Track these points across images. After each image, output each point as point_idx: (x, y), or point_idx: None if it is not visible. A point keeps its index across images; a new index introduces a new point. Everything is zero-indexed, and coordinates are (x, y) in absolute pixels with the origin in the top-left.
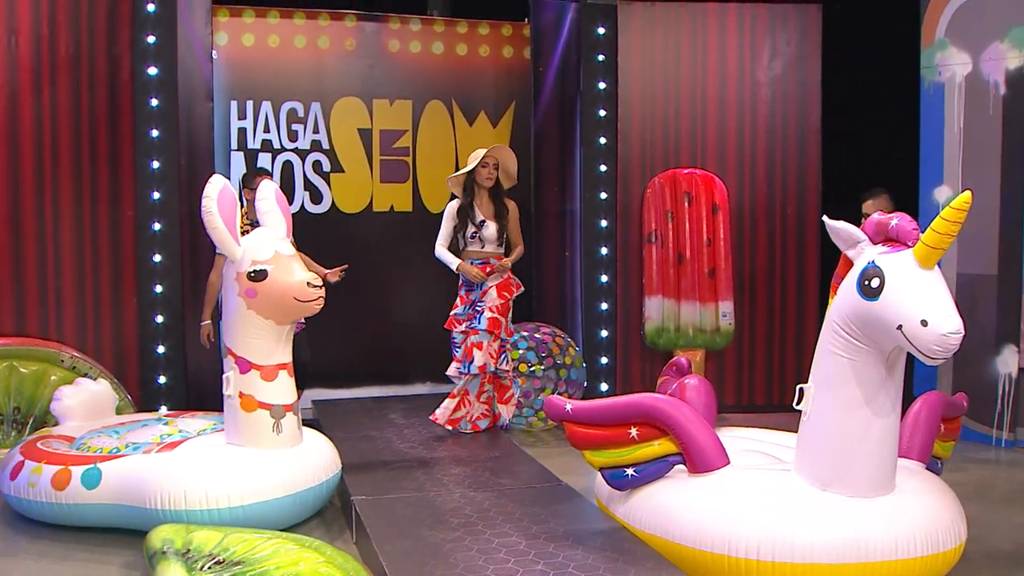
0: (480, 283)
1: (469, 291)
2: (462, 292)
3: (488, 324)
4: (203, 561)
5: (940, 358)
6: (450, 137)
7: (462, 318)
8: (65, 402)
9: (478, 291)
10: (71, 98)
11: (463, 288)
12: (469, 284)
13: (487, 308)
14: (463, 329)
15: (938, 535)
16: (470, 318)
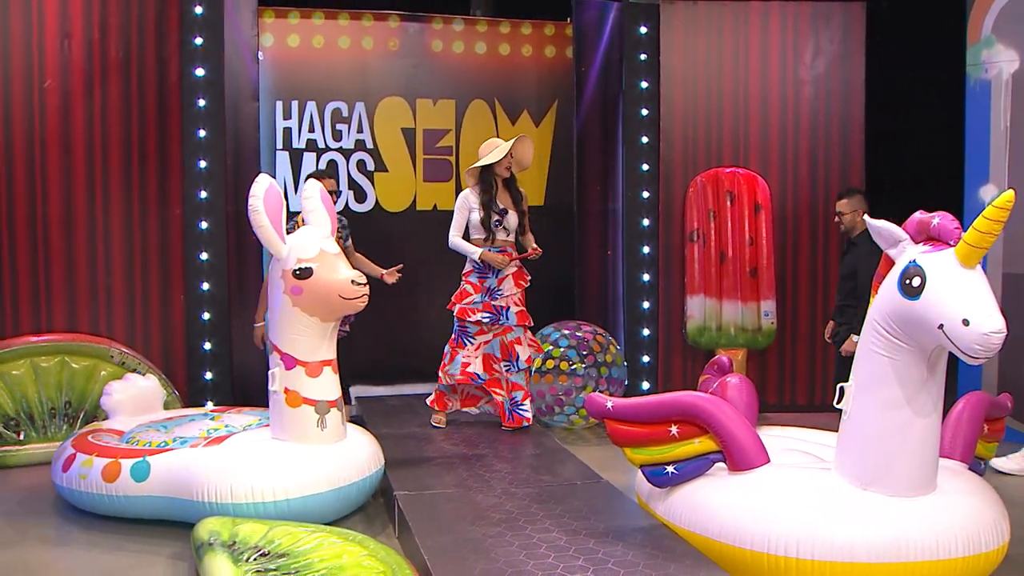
0: (498, 271)
1: (483, 278)
2: (473, 279)
3: (519, 318)
4: (249, 553)
5: (982, 358)
6: (493, 136)
7: (479, 307)
8: (115, 397)
9: (494, 279)
10: (121, 100)
11: (474, 275)
12: (483, 271)
13: (512, 302)
14: (480, 320)
15: (980, 535)
16: (487, 308)
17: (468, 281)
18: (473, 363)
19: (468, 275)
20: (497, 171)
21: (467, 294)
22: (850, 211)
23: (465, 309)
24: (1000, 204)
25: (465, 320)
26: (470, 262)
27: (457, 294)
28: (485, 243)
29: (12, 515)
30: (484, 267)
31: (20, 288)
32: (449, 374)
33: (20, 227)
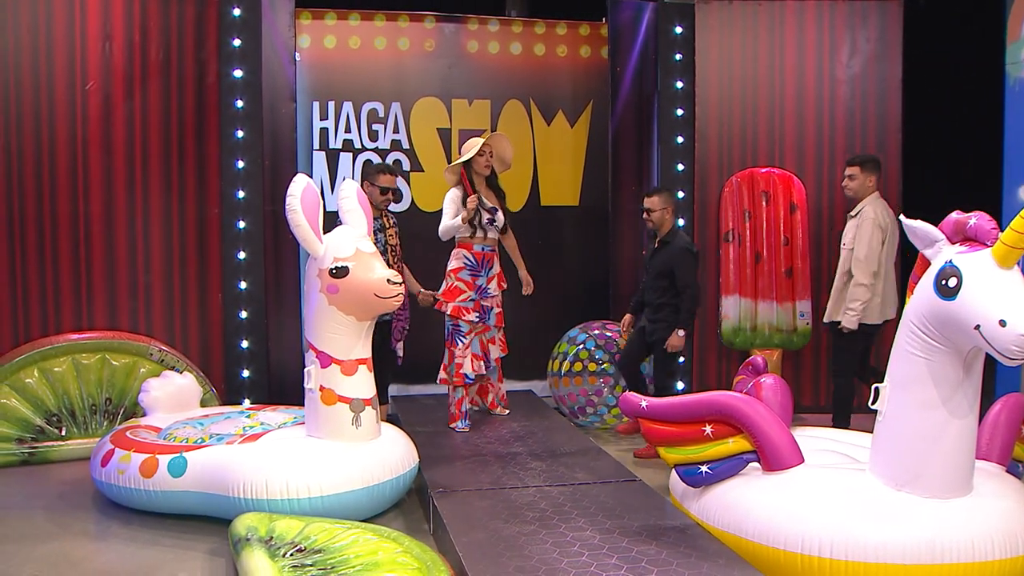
0: (488, 268)
1: (475, 275)
2: (465, 276)
3: (498, 320)
4: (285, 548)
5: (1019, 359)
6: (528, 137)
7: (470, 306)
8: (152, 394)
9: (483, 278)
10: (161, 101)
11: (465, 272)
12: (474, 268)
13: (495, 303)
14: (472, 319)
15: (1017, 538)
16: (477, 308)
17: (460, 279)
18: (465, 363)
19: (458, 272)
20: (476, 169)
21: (459, 292)
22: (659, 208)
23: (460, 308)
24: None
25: (459, 319)
26: (458, 258)
27: (447, 291)
28: (480, 241)
29: (53, 509)
30: (477, 264)
31: (62, 286)
32: (452, 375)
33: (63, 226)
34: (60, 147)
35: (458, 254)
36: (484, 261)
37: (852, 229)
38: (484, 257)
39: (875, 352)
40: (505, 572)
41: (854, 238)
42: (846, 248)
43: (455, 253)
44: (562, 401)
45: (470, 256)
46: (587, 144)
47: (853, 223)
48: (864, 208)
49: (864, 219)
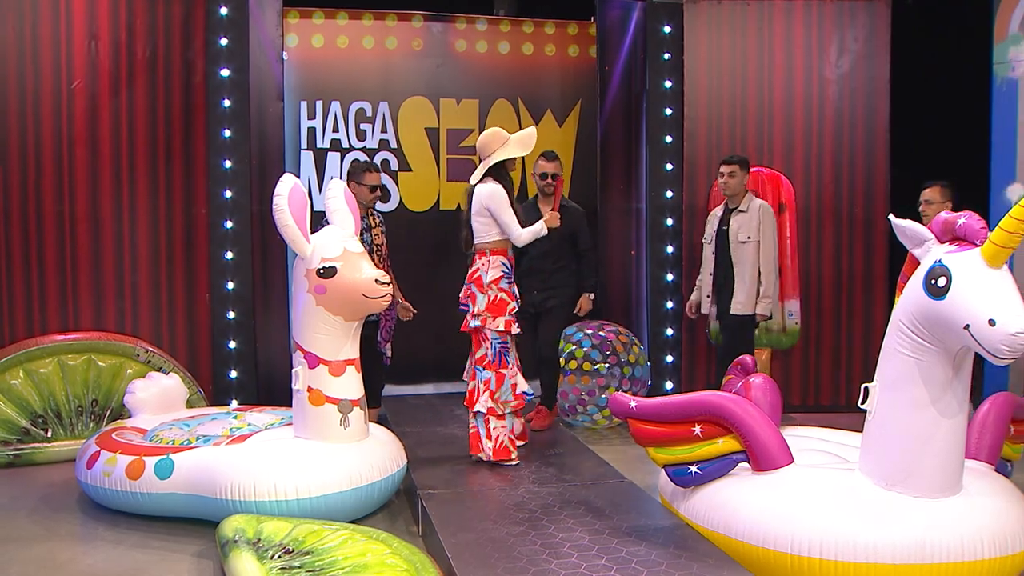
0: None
1: (511, 282)
2: (505, 286)
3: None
4: (273, 550)
5: (1008, 358)
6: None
7: (514, 319)
8: (137, 395)
9: (514, 283)
10: (147, 100)
11: (504, 281)
12: (511, 276)
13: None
14: (516, 332)
15: (1006, 538)
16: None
17: (501, 288)
18: (519, 381)
19: (498, 281)
20: (510, 168)
21: (505, 304)
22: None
23: (510, 322)
24: None
25: (509, 333)
26: (496, 267)
27: (492, 305)
28: (507, 242)
29: (39, 511)
30: (511, 271)
31: (48, 287)
32: (503, 402)
33: (48, 226)
34: (45, 146)
35: (495, 262)
36: (514, 266)
37: (744, 223)
38: (513, 262)
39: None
40: (494, 573)
41: (758, 230)
42: (745, 242)
43: (491, 262)
44: None
45: (507, 263)
46: (575, 144)
47: (743, 217)
48: (754, 202)
49: (764, 213)
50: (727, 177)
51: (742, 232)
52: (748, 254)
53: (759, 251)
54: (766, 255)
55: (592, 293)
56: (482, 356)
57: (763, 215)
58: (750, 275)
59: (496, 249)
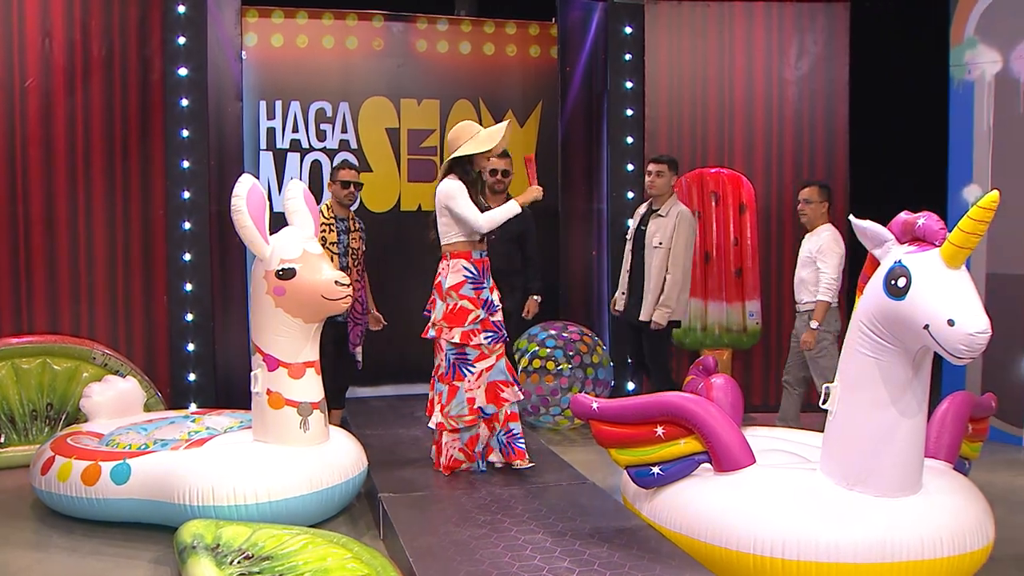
0: (487, 278)
1: (479, 289)
2: (468, 292)
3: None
4: (233, 556)
5: (967, 358)
6: None
7: (478, 327)
8: (94, 399)
9: (486, 288)
10: (103, 99)
11: (468, 286)
12: (477, 281)
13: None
14: (482, 342)
15: (964, 536)
16: (488, 326)
17: (462, 295)
18: (478, 396)
19: (459, 287)
20: (480, 163)
21: (466, 312)
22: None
23: (468, 333)
24: (985, 205)
25: (466, 345)
26: (457, 271)
27: (449, 314)
28: (477, 246)
29: None
30: (478, 274)
31: (1, 289)
32: (454, 416)
33: (1, 228)
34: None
35: (455, 266)
36: (484, 269)
37: (660, 228)
38: (483, 265)
39: None
40: None
41: (671, 237)
42: (656, 247)
43: (451, 266)
44: None
45: (471, 266)
46: (536, 144)
47: (661, 222)
48: (675, 207)
49: (681, 219)
50: (655, 176)
51: (656, 237)
52: (658, 260)
53: (668, 258)
54: (675, 262)
55: (539, 296)
56: (437, 366)
57: (680, 221)
58: (655, 281)
59: (457, 252)
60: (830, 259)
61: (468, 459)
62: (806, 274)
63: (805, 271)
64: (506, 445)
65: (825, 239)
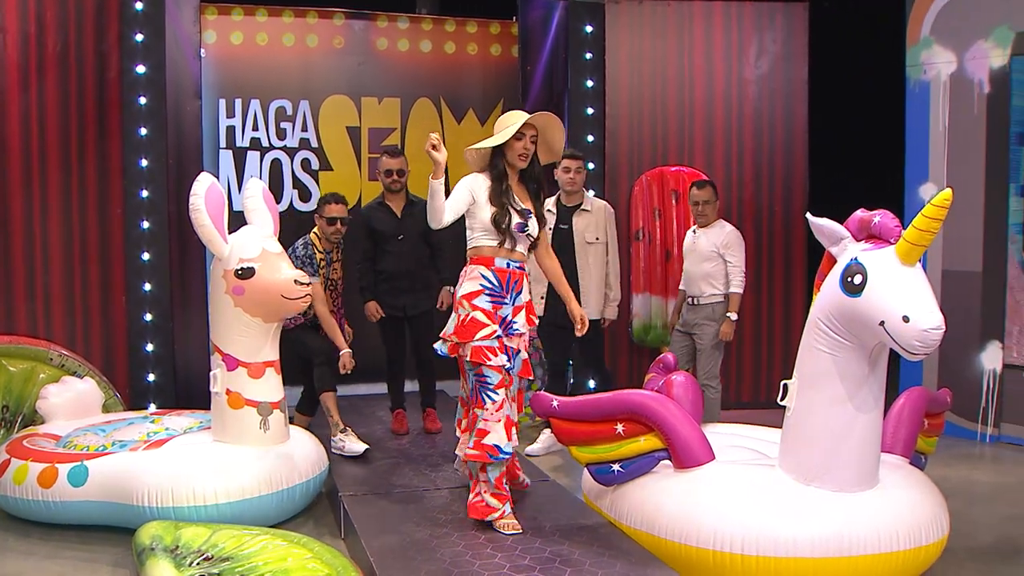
0: (516, 292)
1: (498, 303)
2: (483, 303)
3: (524, 369)
4: (192, 557)
5: (921, 354)
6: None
7: (496, 346)
8: (51, 400)
9: (509, 305)
10: (59, 96)
11: (484, 297)
12: (497, 294)
13: (523, 345)
14: (504, 363)
15: (920, 529)
16: (502, 349)
17: (476, 306)
18: (494, 431)
19: (473, 297)
20: (509, 158)
21: (480, 325)
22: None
23: (481, 349)
24: (938, 203)
25: (483, 364)
26: (473, 279)
27: (460, 326)
28: (499, 251)
29: None
30: (500, 287)
31: None
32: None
33: None
34: None
35: (472, 273)
36: (510, 283)
37: (591, 223)
38: (510, 277)
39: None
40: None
41: (606, 231)
42: (593, 242)
43: (467, 272)
44: None
45: (490, 275)
46: None
47: (589, 216)
48: (593, 200)
49: (607, 211)
50: (573, 173)
51: (589, 232)
52: (596, 255)
53: (607, 252)
54: (614, 256)
55: (451, 287)
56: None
57: (608, 215)
58: (598, 277)
59: (477, 257)
60: (738, 252)
61: (501, 501)
62: (711, 268)
63: (709, 265)
64: None
65: (729, 234)
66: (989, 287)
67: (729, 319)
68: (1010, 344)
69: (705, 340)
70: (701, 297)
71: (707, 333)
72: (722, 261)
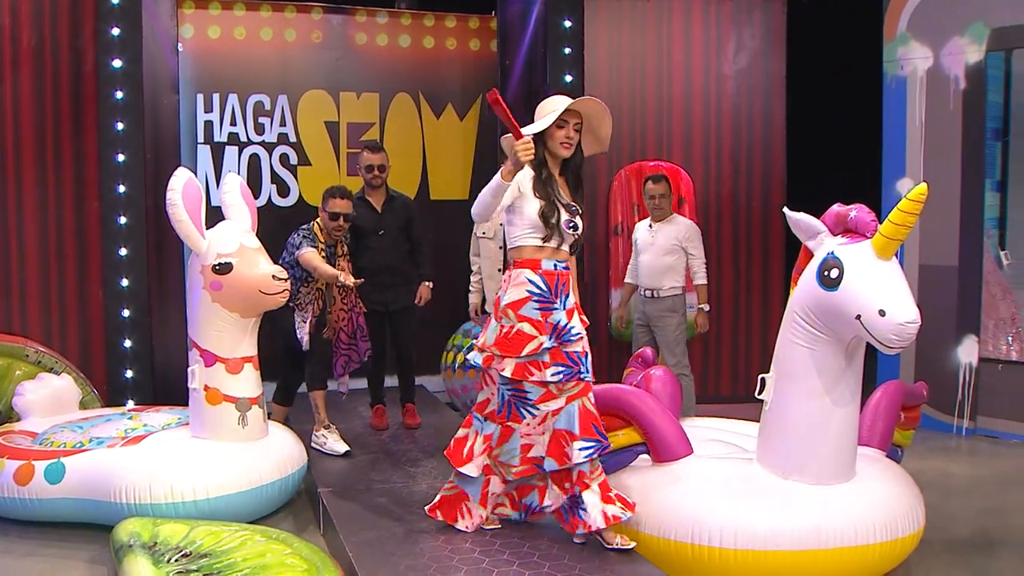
0: (563, 297)
1: (548, 309)
2: (531, 312)
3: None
4: (170, 554)
5: (898, 347)
6: (417, 130)
7: (545, 359)
8: (27, 397)
9: (561, 310)
10: (34, 90)
11: (532, 305)
12: (546, 299)
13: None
14: (551, 379)
15: (896, 522)
16: (559, 359)
17: (523, 316)
18: (538, 444)
19: (520, 306)
20: (550, 147)
21: (527, 338)
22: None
23: (526, 366)
24: (913, 197)
25: (524, 381)
26: (519, 284)
27: (502, 339)
28: (544, 251)
29: None
30: (549, 291)
31: None
32: (503, 463)
33: None
34: None
35: (517, 278)
36: (558, 285)
37: None
38: (558, 280)
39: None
40: (396, 571)
41: None
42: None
43: (513, 277)
44: (455, 394)
45: (537, 280)
46: (477, 138)
47: None
48: None
49: None
50: None
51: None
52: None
53: None
54: None
55: (430, 282)
56: (484, 402)
57: None
58: None
59: (523, 259)
60: (699, 244)
61: (512, 508)
62: (672, 261)
63: (671, 258)
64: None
65: (688, 226)
66: (965, 281)
67: (703, 310)
68: (986, 338)
69: (668, 332)
70: (661, 290)
71: (669, 325)
72: (683, 254)
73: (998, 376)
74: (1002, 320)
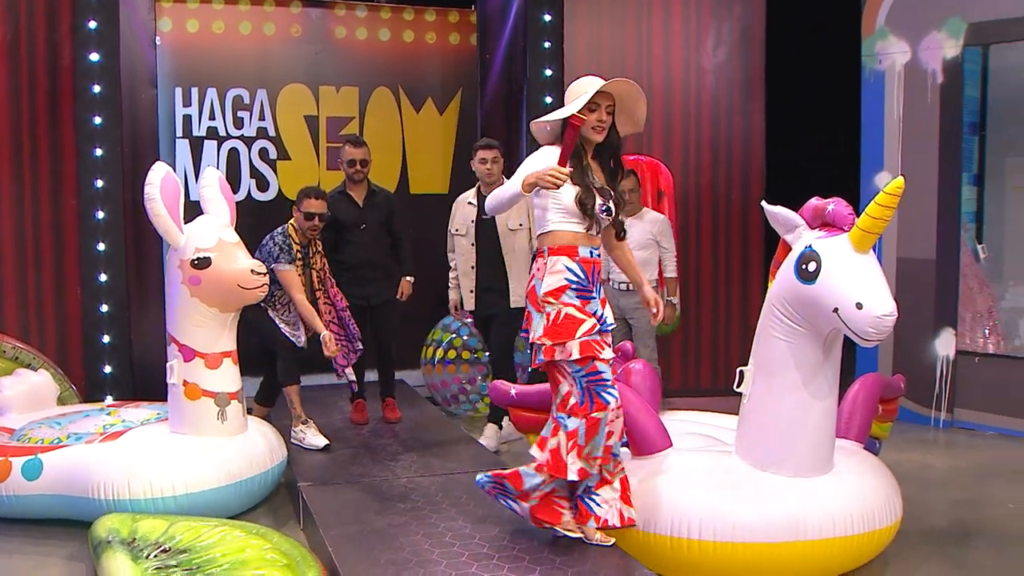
0: (597, 287)
1: (586, 297)
2: (571, 298)
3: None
4: (149, 550)
5: (875, 340)
6: (397, 124)
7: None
8: (4, 393)
9: (597, 300)
10: (10, 84)
11: (572, 292)
12: (584, 287)
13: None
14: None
15: (874, 513)
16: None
17: (564, 302)
18: (616, 428)
19: (560, 294)
20: (584, 131)
21: (577, 320)
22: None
23: (589, 344)
24: (890, 191)
25: (595, 358)
26: (557, 272)
27: (552, 327)
28: (581, 237)
29: None
30: (586, 279)
31: None
32: (592, 457)
33: None
34: None
35: (555, 265)
36: (594, 273)
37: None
38: (594, 267)
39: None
40: (376, 565)
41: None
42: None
43: (548, 265)
44: (435, 389)
45: (575, 267)
46: (456, 132)
47: None
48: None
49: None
50: (491, 163)
51: (512, 219)
52: (520, 241)
53: (530, 237)
54: None
55: (411, 277)
56: (565, 397)
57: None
58: (524, 263)
59: (557, 246)
60: (670, 238)
61: None
62: (647, 255)
63: (645, 252)
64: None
65: (663, 221)
66: (942, 274)
67: (671, 303)
68: (963, 331)
69: (644, 324)
70: None
71: (645, 317)
72: (656, 248)
73: (975, 369)
74: (979, 313)
